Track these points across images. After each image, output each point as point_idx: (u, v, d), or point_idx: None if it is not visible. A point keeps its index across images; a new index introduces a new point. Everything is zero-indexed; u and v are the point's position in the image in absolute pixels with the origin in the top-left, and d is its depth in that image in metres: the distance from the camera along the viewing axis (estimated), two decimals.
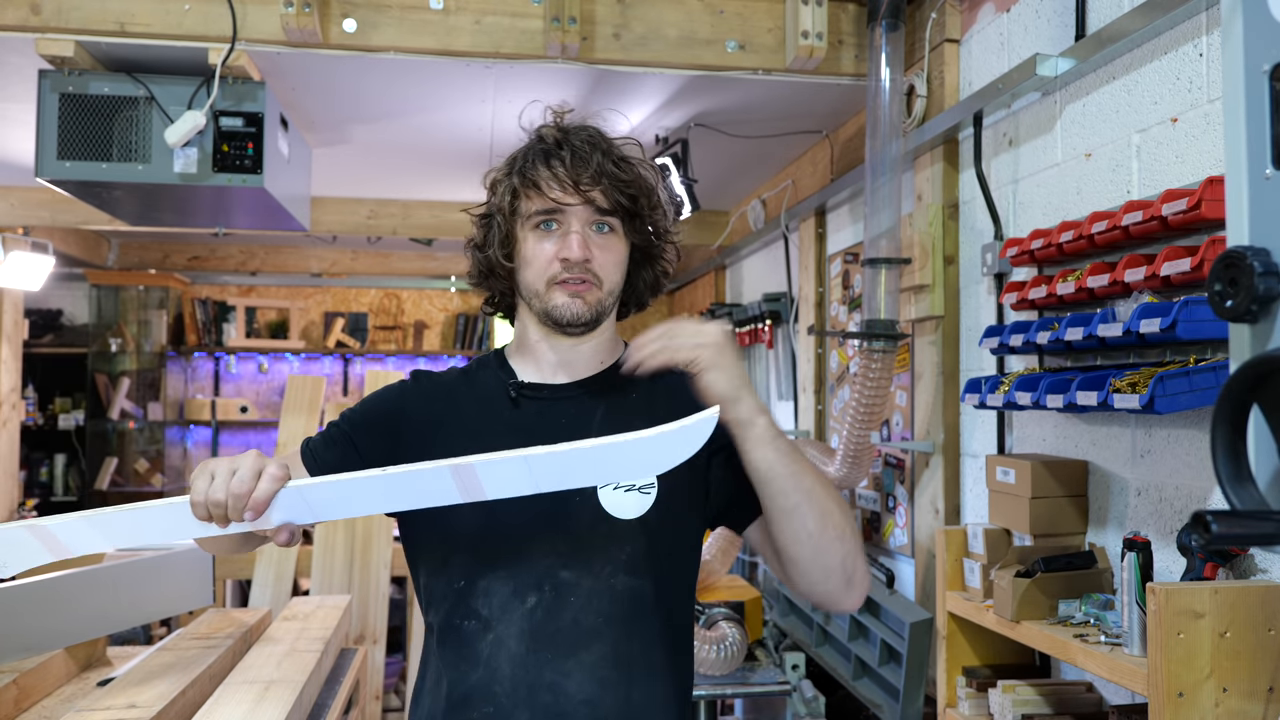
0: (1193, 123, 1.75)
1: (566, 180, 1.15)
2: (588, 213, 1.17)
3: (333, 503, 1.01)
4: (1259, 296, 0.86)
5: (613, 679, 1.12)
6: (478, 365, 1.30)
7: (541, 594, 1.13)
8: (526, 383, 1.22)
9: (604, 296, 1.19)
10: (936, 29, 2.62)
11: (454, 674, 1.14)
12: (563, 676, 1.11)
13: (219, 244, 6.30)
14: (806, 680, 2.78)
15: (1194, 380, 1.58)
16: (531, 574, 1.13)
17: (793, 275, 3.94)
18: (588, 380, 1.23)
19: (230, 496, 0.96)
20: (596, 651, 1.13)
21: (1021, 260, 2.09)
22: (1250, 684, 1.42)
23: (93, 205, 2.96)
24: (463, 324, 6.75)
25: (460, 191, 4.65)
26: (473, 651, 1.14)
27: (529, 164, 1.18)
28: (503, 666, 1.12)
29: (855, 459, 2.77)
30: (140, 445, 6.15)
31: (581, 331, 1.20)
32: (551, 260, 1.17)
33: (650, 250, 1.26)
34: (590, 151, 1.16)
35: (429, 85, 2.99)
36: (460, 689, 1.14)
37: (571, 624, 1.13)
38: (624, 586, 1.15)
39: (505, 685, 1.12)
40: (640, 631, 1.15)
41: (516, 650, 1.12)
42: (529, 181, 1.17)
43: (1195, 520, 0.83)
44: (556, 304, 1.17)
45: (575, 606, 1.13)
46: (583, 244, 1.16)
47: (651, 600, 1.17)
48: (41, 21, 2.44)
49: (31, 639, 1.85)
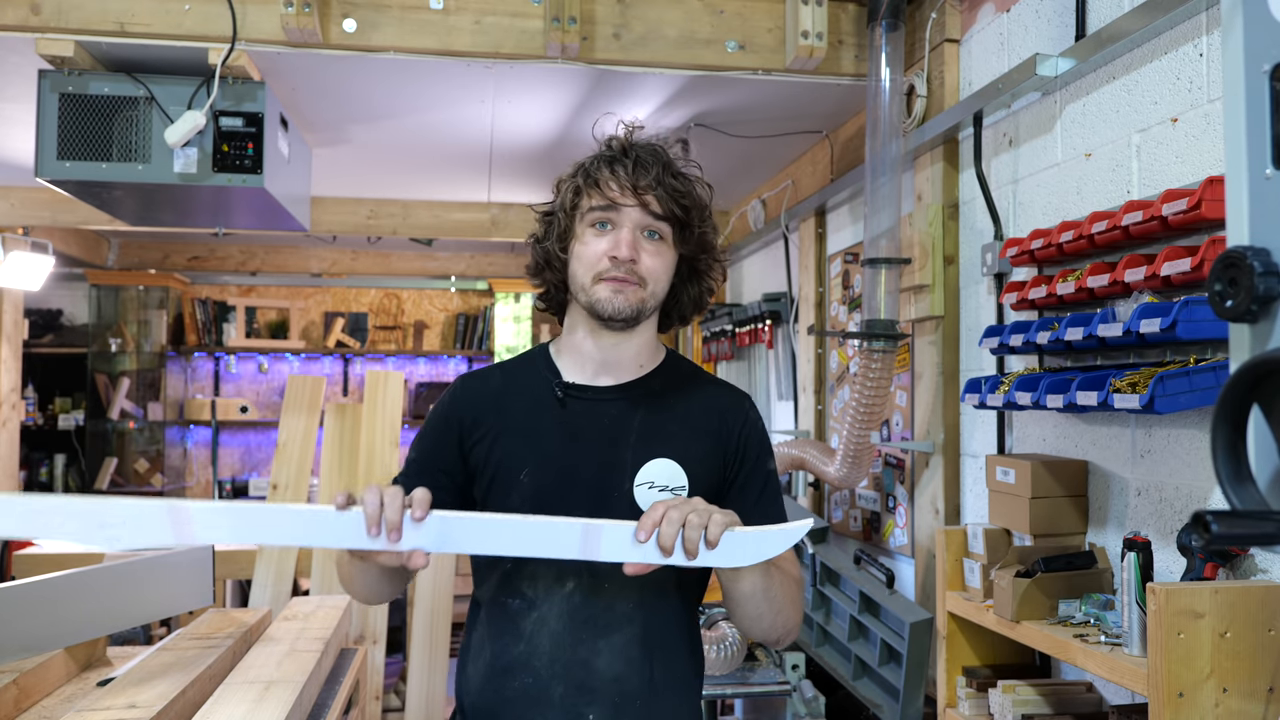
0: (1193, 123, 1.75)
1: (626, 183, 1.25)
2: (641, 216, 1.26)
3: (469, 536, 1.08)
4: (1259, 296, 0.86)
5: (638, 659, 1.25)
6: (523, 362, 1.38)
7: (580, 580, 1.25)
8: (572, 384, 1.31)
9: (646, 297, 1.27)
10: (936, 29, 2.62)
11: (497, 645, 1.26)
12: (594, 655, 1.24)
13: (219, 244, 6.30)
14: (806, 680, 2.78)
15: (1194, 380, 1.58)
16: (572, 562, 1.21)
17: (793, 275, 3.94)
18: (628, 385, 1.32)
19: (391, 509, 1.03)
20: (626, 634, 1.25)
21: (1021, 260, 2.09)
22: (1250, 684, 1.42)
23: (93, 205, 2.96)
24: (463, 324, 6.75)
25: (460, 191, 4.65)
26: (516, 627, 1.26)
27: (594, 166, 1.29)
28: (543, 643, 1.24)
29: (855, 459, 2.77)
30: (140, 445, 6.15)
31: (622, 327, 1.28)
32: (601, 256, 1.25)
33: (697, 265, 1.34)
34: (652, 162, 1.26)
35: (429, 85, 2.99)
36: (504, 659, 1.26)
37: (605, 609, 1.25)
38: (653, 576, 1.22)
39: (544, 659, 1.24)
40: (664, 616, 1.28)
41: (556, 629, 1.24)
42: (591, 180, 1.27)
43: (1195, 520, 0.83)
44: (600, 297, 1.25)
45: (609, 593, 1.25)
46: (632, 244, 1.24)
47: (675, 588, 1.29)
48: (41, 21, 2.44)
49: (31, 639, 1.85)
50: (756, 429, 1.35)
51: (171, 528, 1.04)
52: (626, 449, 1.27)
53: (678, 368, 1.37)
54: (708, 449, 1.29)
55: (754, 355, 4.49)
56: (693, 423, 1.29)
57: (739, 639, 2.64)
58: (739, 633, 1.30)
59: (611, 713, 1.24)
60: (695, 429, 1.27)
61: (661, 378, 1.33)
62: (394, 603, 4.14)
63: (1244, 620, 1.42)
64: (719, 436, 1.30)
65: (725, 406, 1.34)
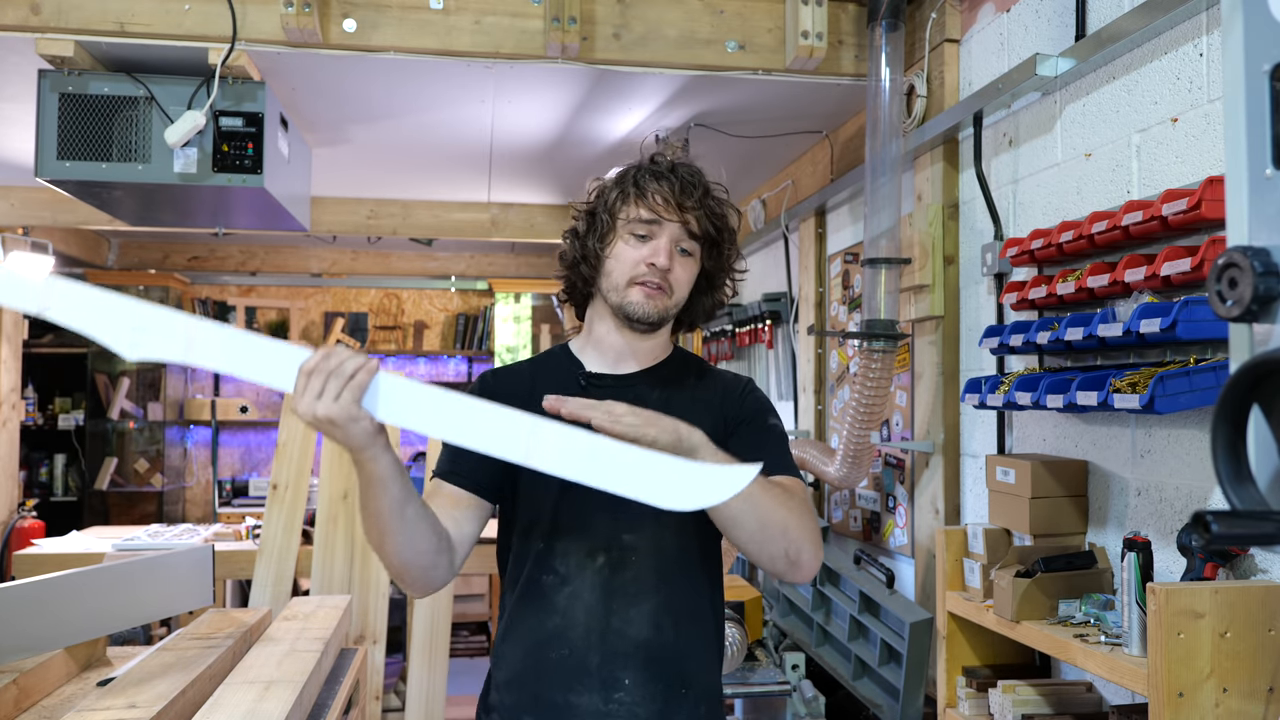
0: (1193, 123, 1.75)
1: (671, 200, 1.36)
2: (679, 232, 1.36)
3: (410, 408, 1.09)
4: (1259, 296, 0.86)
5: (665, 624, 1.35)
6: (546, 357, 1.49)
7: (609, 555, 1.35)
8: (594, 372, 1.42)
9: (671, 305, 1.39)
10: (936, 29, 2.62)
11: (533, 620, 1.35)
12: (626, 623, 1.34)
13: (219, 244, 6.30)
14: (806, 680, 2.78)
15: (1194, 380, 1.58)
16: (600, 538, 1.35)
17: (793, 275, 3.94)
18: (645, 372, 1.43)
19: (332, 361, 1.06)
20: (653, 602, 1.35)
21: (1021, 260, 2.09)
22: (1250, 684, 1.42)
23: (93, 205, 2.96)
24: (463, 324, 6.75)
25: (460, 191, 4.65)
26: (550, 602, 1.35)
27: (642, 178, 1.38)
28: (578, 615, 1.34)
29: (855, 459, 2.77)
30: (140, 445, 6.15)
31: (646, 330, 1.39)
32: (639, 262, 1.36)
33: (715, 280, 1.45)
34: (696, 183, 1.38)
35: (429, 85, 2.99)
36: (540, 633, 1.35)
37: (633, 580, 1.35)
38: (674, 548, 1.37)
39: (579, 630, 1.33)
40: (687, 584, 1.38)
41: (590, 601, 1.34)
42: (640, 191, 1.37)
43: (1195, 520, 0.83)
44: (633, 300, 1.36)
45: (636, 565, 1.35)
46: (670, 255, 1.35)
47: (698, 558, 1.40)
48: (41, 21, 2.43)
49: (31, 639, 1.85)
50: (757, 395, 1.45)
51: (185, 341, 1.07)
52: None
53: (686, 359, 1.49)
54: (714, 421, 1.36)
55: (754, 355, 4.49)
56: (702, 399, 1.41)
57: (739, 639, 2.64)
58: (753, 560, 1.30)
59: (644, 675, 1.33)
60: (704, 403, 1.40)
61: (673, 366, 1.46)
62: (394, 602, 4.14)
63: (1244, 620, 1.42)
64: (722, 409, 1.40)
65: (729, 383, 1.46)
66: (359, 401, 1.06)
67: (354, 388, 1.06)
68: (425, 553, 1.25)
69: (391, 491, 1.17)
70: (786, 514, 1.25)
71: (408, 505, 1.19)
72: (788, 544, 1.25)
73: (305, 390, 1.06)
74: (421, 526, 1.23)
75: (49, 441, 6.07)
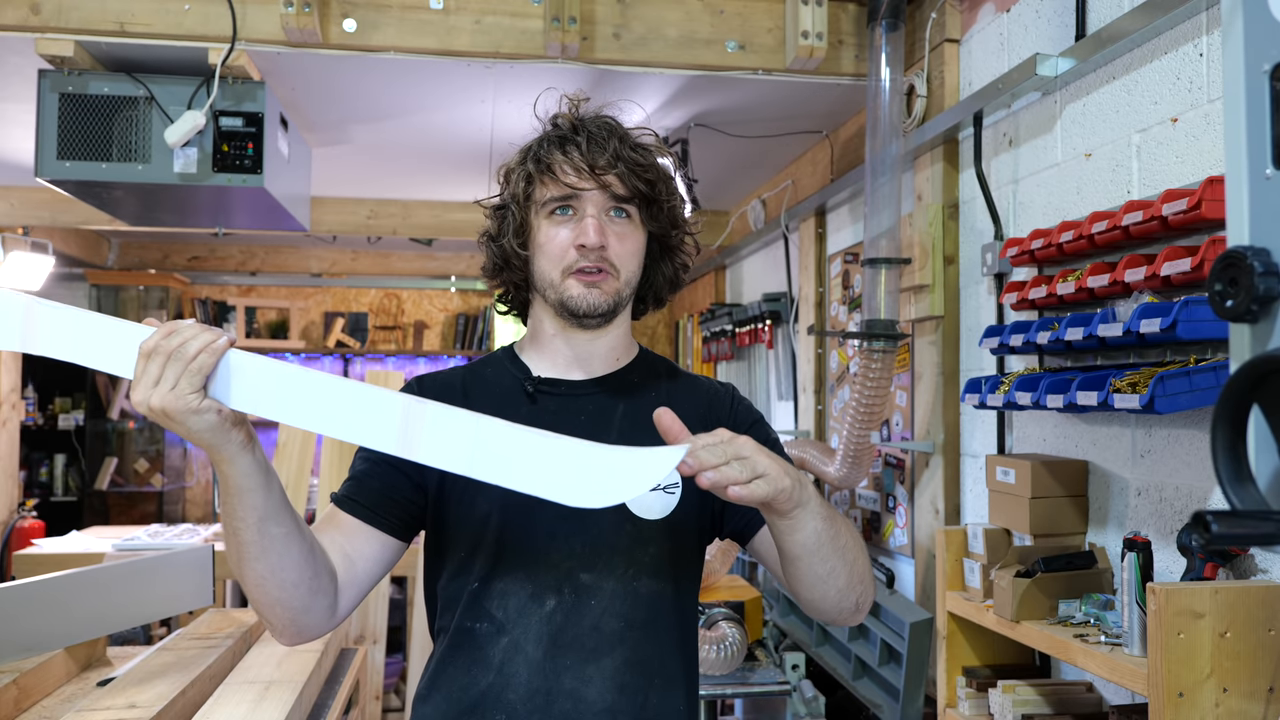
0: (1193, 123, 1.75)
1: (582, 165, 1.12)
2: (604, 199, 1.13)
3: (266, 393, 0.92)
4: (1259, 296, 0.86)
5: (632, 685, 1.10)
6: (485, 363, 1.24)
7: (561, 597, 1.09)
8: (543, 378, 1.18)
9: (621, 287, 1.15)
10: (936, 29, 2.62)
11: (464, 679, 1.10)
12: (583, 683, 1.08)
13: (219, 244, 6.30)
14: (806, 680, 2.78)
15: (1194, 380, 1.58)
16: (551, 576, 1.09)
17: (793, 275, 3.94)
18: (606, 378, 1.20)
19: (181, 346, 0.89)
20: (618, 657, 1.10)
21: (1021, 260, 2.09)
22: (1250, 684, 1.42)
23: (93, 205, 2.96)
24: (463, 324, 6.75)
25: (460, 191, 4.65)
26: (484, 655, 1.09)
27: (544, 150, 1.15)
28: (519, 672, 1.08)
29: (855, 459, 2.77)
30: (140, 445, 6.15)
31: (597, 324, 1.16)
32: (567, 248, 1.13)
33: (668, 241, 1.22)
34: (607, 137, 1.13)
35: (429, 85, 2.99)
36: (470, 694, 1.09)
37: (592, 629, 1.09)
38: (647, 590, 1.12)
39: (521, 692, 1.08)
40: (659, 635, 1.13)
41: (534, 655, 1.08)
42: (544, 167, 1.14)
43: (1195, 520, 0.83)
44: (572, 294, 1.13)
45: (596, 611, 1.10)
46: (599, 229, 1.12)
47: (672, 603, 1.15)
48: (41, 21, 2.44)
49: (31, 639, 1.85)
50: (746, 405, 1.26)
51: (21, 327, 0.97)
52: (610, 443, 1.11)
53: (653, 363, 1.26)
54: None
55: (754, 355, 4.49)
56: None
57: (739, 639, 2.64)
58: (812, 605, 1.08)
59: None
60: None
61: (639, 371, 1.23)
62: (394, 603, 4.14)
63: (1244, 620, 1.42)
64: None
65: (712, 392, 1.24)
66: (200, 389, 0.88)
67: (193, 373, 0.87)
68: (294, 588, 0.99)
69: (250, 502, 0.94)
70: (858, 551, 1.06)
71: (272, 523, 0.96)
72: (864, 588, 1.08)
73: (142, 376, 0.88)
74: (291, 554, 0.98)
75: (49, 441, 6.08)
